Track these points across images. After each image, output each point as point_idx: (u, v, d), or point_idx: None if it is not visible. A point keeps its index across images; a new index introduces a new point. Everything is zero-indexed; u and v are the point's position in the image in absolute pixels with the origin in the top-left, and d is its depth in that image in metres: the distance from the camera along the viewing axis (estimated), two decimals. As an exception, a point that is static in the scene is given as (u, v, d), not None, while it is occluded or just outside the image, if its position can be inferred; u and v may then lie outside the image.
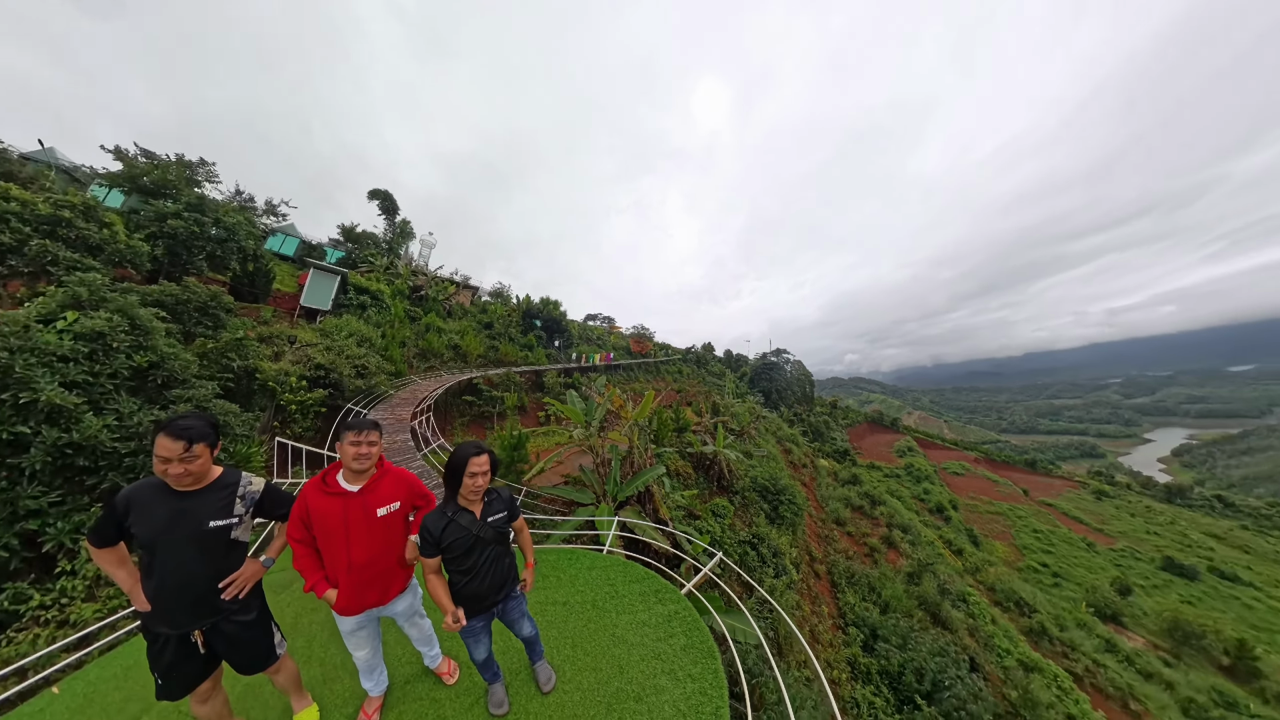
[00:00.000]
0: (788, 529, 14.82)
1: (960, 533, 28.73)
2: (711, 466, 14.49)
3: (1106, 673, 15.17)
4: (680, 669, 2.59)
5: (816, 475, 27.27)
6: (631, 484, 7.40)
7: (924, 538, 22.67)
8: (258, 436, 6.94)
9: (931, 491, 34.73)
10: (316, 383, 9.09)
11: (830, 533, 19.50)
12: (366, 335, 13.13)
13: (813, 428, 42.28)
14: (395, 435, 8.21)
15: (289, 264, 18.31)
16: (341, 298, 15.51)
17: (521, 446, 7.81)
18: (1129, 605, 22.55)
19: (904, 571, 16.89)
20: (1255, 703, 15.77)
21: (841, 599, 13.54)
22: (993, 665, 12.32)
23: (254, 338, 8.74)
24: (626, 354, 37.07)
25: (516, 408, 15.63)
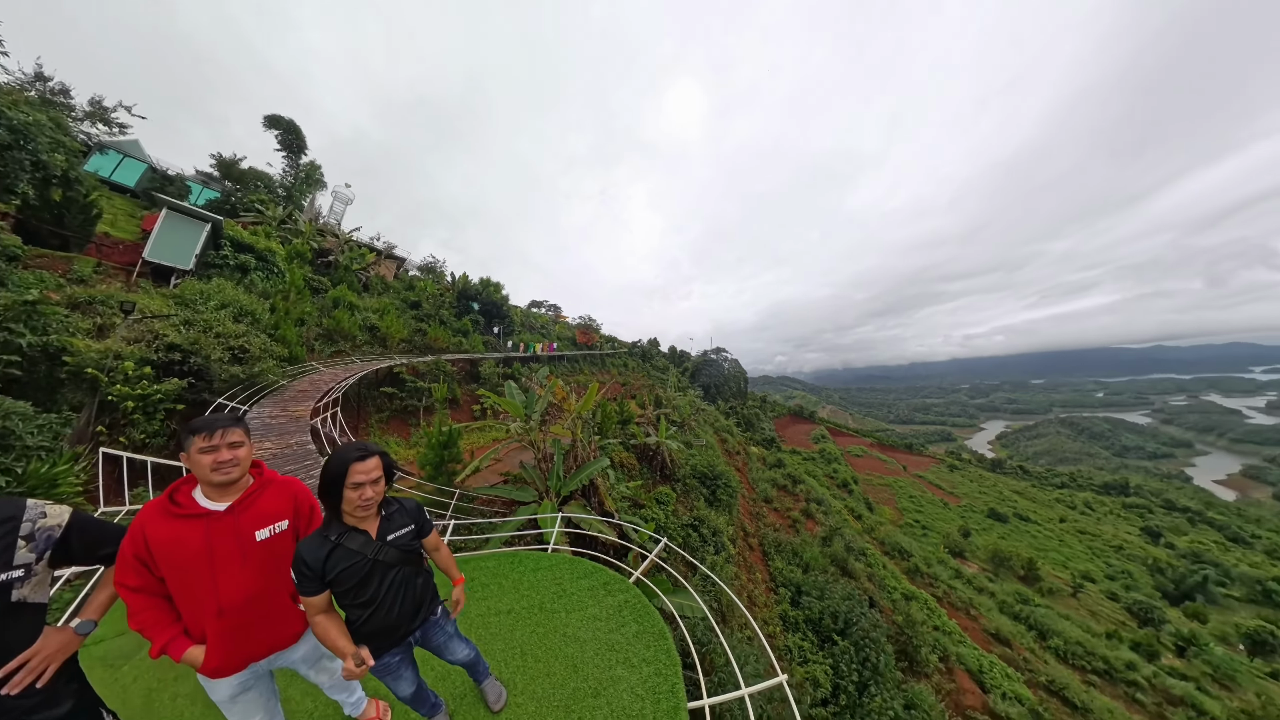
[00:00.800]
0: (725, 510, 15.94)
1: (860, 502, 34.62)
2: (655, 457, 14.88)
3: (956, 592, 20.66)
4: (635, 655, 2.60)
5: (748, 461, 29.87)
6: (575, 478, 7.12)
7: (833, 508, 26.61)
8: (68, 448, 4.98)
9: (839, 470, 41.38)
10: (169, 370, 6.83)
11: (760, 510, 21.59)
12: (248, 308, 10.19)
13: (745, 419, 46.27)
14: (290, 438, 6.53)
15: (128, 199, 13.19)
16: (212, 255, 11.85)
17: (453, 444, 6.92)
18: (969, 544, 30.96)
19: (819, 537, 19.87)
20: (1038, 597, 23.90)
21: (772, 565, 15.47)
22: (885, 600, 15.49)
23: (58, 302, 6.30)
24: (572, 345, 35.87)
25: (447, 401, 13.96)
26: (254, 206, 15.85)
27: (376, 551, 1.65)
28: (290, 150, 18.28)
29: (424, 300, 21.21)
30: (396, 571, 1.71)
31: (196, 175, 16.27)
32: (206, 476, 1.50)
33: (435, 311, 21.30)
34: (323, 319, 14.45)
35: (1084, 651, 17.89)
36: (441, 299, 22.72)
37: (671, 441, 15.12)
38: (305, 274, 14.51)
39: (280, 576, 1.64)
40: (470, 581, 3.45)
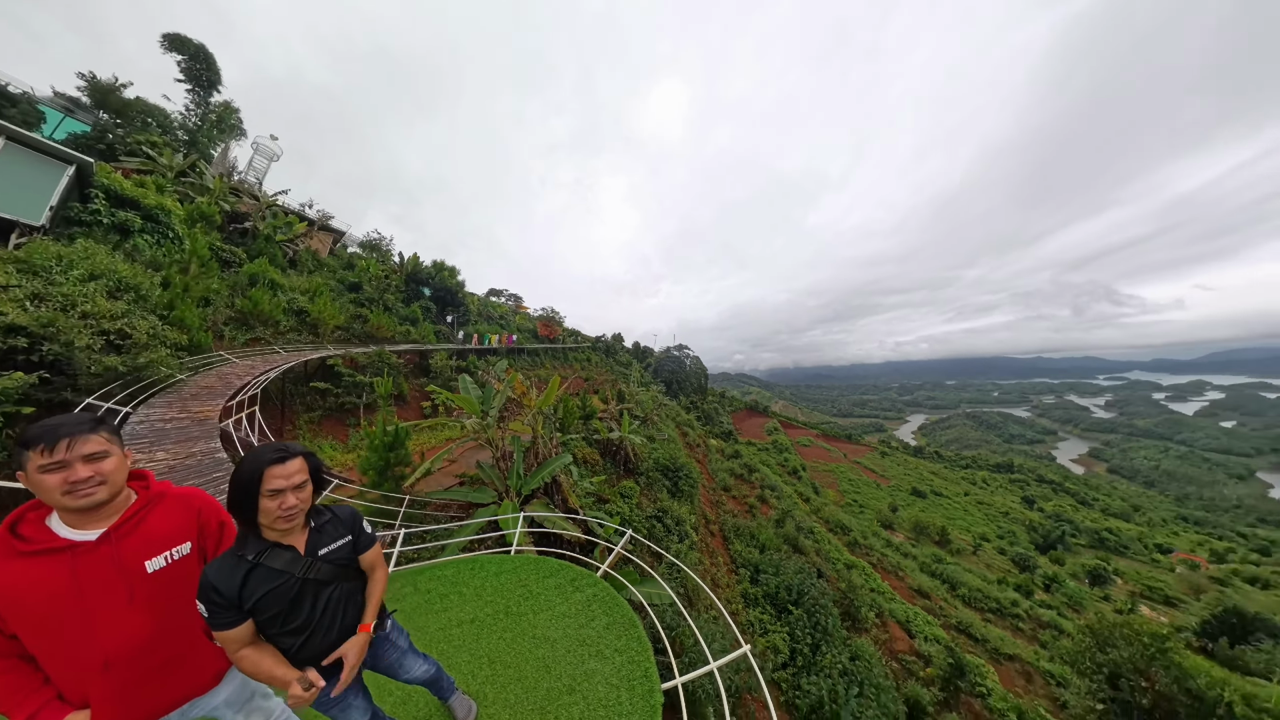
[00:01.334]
0: (686, 500, 16.49)
1: (808, 486, 37.86)
2: (618, 451, 14.91)
3: (887, 559, 23.80)
4: (606, 646, 2.60)
5: (708, 453, 31.13)
6: (537, 476, 6.91)
7: (785, 493, 28.79)
8: None
9: (789, 459, 44.96)
10: (6, 360, 5.30)
11: (720, 498, 22.65)
12: (131, 281, 7.92)
13: (705, 414, 48.10)
14: (192, 445, 5.39)
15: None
16: (77, 209, 9.25)
17: (400, 445, 6.29)
18: (896, 517, 35.73)
19: (773, 519, 21.48)
20: (948, 557, 28.18)
21: (732, 549, 16.46)
22: (830, 570, 17.45)
23: None
24: (533, 337, 34.45)
25: (392, 397, 12.66)
26: (141, 150, 12.75)
27: (306, 569, 1.43)
28: (198, 83, 14.86)
29: (366, 282, 18.86)
30: (333, 589, 1.49)
31: (56, 99, 12.72)
32: (58, 501, 1.18)
33: (379, 296, 19.02)
34: (235, 299, 12.29)
35: (982, 596, 21.98)
36: (387, 282, 20.35)
37: (634, 436, 15.21)
38: (212, 242, 12.17)
39: (186, 612, 1.35)
40: (428, 593, 3.20)
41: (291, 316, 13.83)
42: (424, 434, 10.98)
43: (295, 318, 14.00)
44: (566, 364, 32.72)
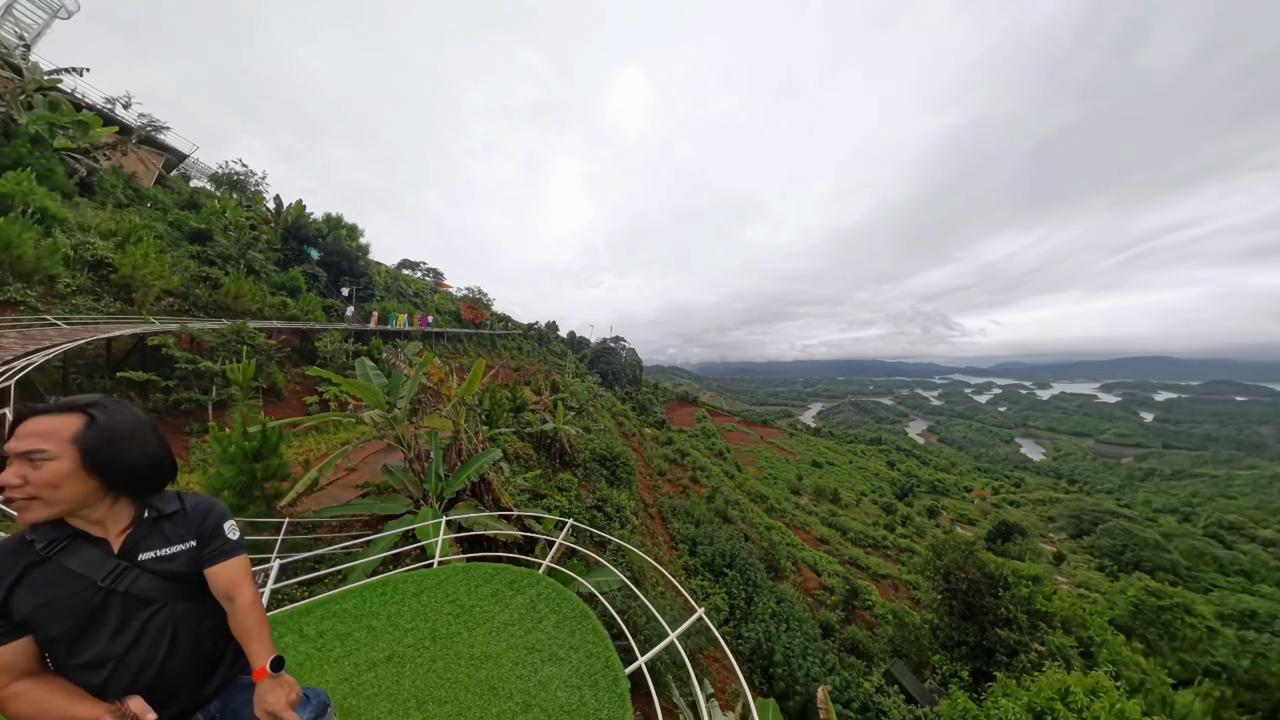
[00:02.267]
0: (625, 488, 16.74)
1: (732, 465, 42.03)
2: (553, 444, 14.28)
3: (797, 518, 28.34)
4: (560, 646, 2.37)
5: (643, 441, 32.02)
6: (461, 475, 6.08)
7: (713, 473, 31.46)
8: None
9: (716, 443, 49.40)
10: None
11: (656, 483, 23.54)
12: None
13: (640, 404, 49.35)
14: None
15: None
16: None
17: (272, 453, 4.73)
18: (801, 484, 42.53)
19: (704, 497, 23.42)
20: (840, 511, 34.26)
21: (670, 527, 17.60)
22: (754, 534, 20.27)
23: None
24: (455, 321, 30.40)
25: (257, 390, 9.80)
26: None
27: (114, 577, 1.02)
28: None
29: (219, 231, 14.14)
30: (156, 612, 1.06)
31: None
32: None
33: (239, 253, 14.35)
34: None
35: (864, 536, 28.04)
36: (254, 235, 15.56)
37: (570, 427, 14.73)
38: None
39: None
40: (320, 636, 2.46)
41: (82, 270, 9.68)
42: (308, 438, 8.78)
43: (90, 272, 9.84)
44: (494, 352, 29.94)
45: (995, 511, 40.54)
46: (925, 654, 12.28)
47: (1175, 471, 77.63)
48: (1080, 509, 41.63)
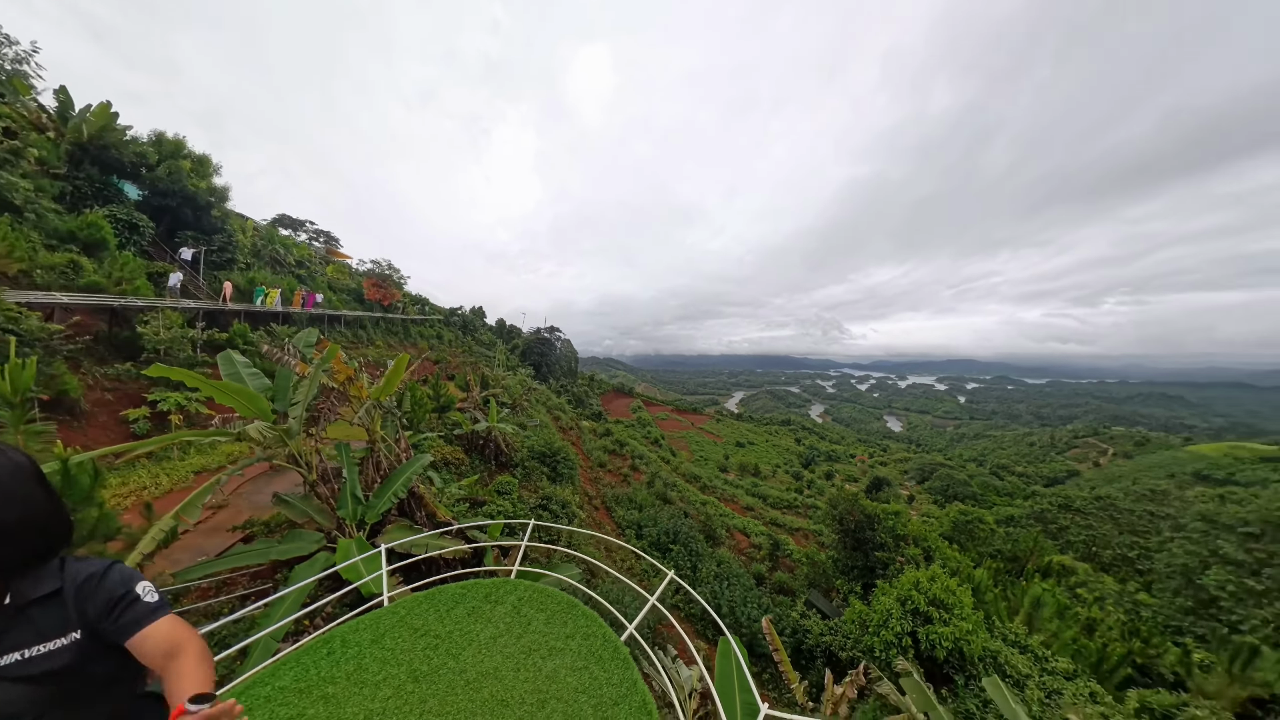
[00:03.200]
0: (568, 483, 16.36)
1: (667, 451, 44.38)
2: (486, 445, 13.16)
3: (727, 492, 31.61)
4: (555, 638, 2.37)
5: (581, 435, 31.52)
6: (386, 492, 5.17)
7: (651, 459, 32.89)
8: None
9: (652, 431, 51.84)
10: None
11: (598, 475, 23.50)
12: None
13: (576, 397, 48.30)
14: None
15: None
16: None
17: (82, 502, 3.02)
18: (728, 463, 47.74)
19: (644, 483, 24.43)
20: (761, 482, 39.36)
21: (615, 515, 18.03)
22: (692, 510, 22.08)
23: None
24: (355, 301, 25.17)
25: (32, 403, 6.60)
26: None
27: None
28: None
29: None
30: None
31: None
32: None
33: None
34: None
35: (781, 501, 32.79)
36: (14, 146, 10.17)
37: (505, 425, 13.71)
38: None
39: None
40: None
41: None
42: (135, 469, 6.34)
43: None
44: (408, 341, 25.80)
45: (871, 470, 51.84)
46: (831, 580, 15.84)
47: (975, 434, 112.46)
48: (923, 464, 58.25)
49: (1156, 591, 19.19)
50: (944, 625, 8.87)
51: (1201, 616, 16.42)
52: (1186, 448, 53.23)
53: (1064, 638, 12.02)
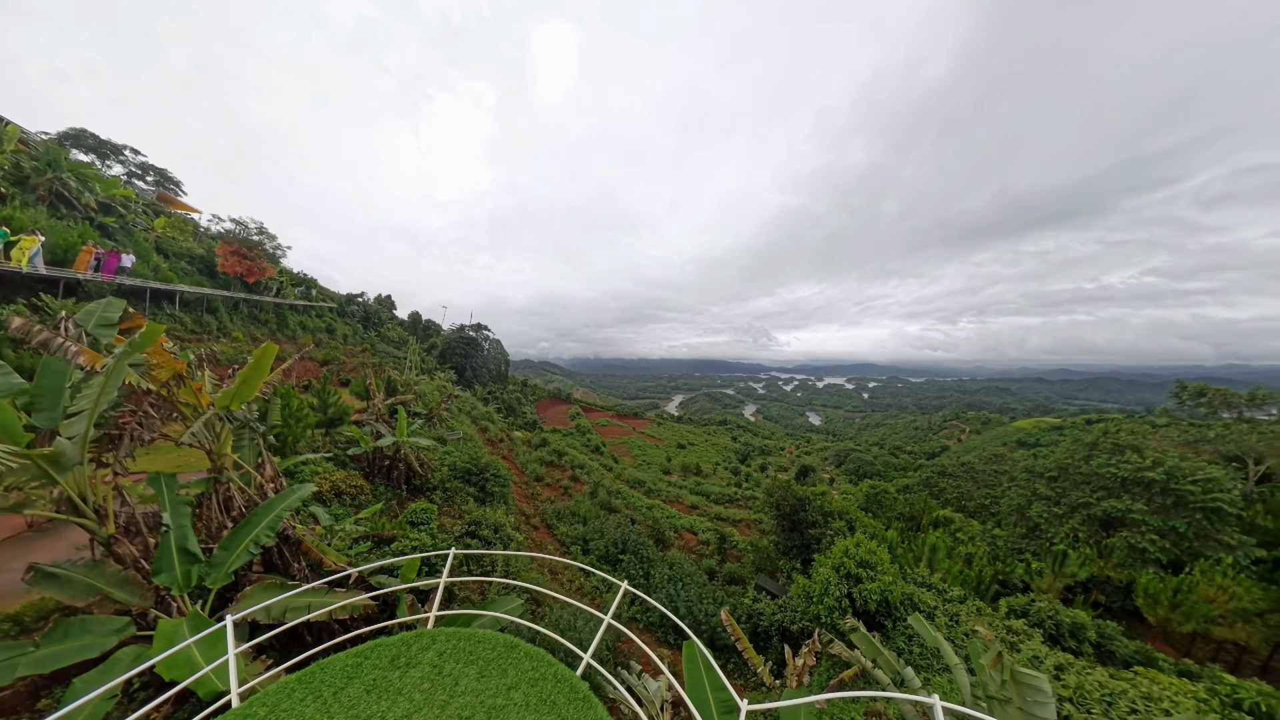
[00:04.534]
0: (500, 502, 15.01)
1: (609, 458, 43.93)
2: (394, 466, 11.29)
3: (671, 493, 32.55)
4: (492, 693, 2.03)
5: (514, 447, 29.40)
6: (240, 541, 3.92)
7: (592, 468, 32.18)
8: None
9: (592, 439, 50.85)
10: None
11: (534, 490, 22.01)
12: None
13: (507, 405, 44.98)
14: None
15: None
16: None
17: None
18: (671, 464, 48.95)
19: (587, 493, 23.71)
20: (704, 481, 41.35)
21: (558, 533, 16.98)
22: (639, 516, 22.34)
23: None
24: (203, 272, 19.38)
25: None
26: None
27: None
28: None
29: None
30: None
31: None
32: None
33: None
34: None
35: (723, 496, 34.94)
36: None
37: (419, 440, 11.95)
38: None
39: None
40: None
41: None
42: None
43: None
44: (284, 333, 20.80)
45: (798, 460, 58.36)
46: (774, 563, 17.65)
47: (876, 423, 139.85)
48: (839, 450, 68.02)
49: (1004, 526, 26.32)
50: (871, 582, 10.70)
51: (1032, 539, 23.21)
52: (1012, 424, 71.87)
53: (953, 571, 16.34)
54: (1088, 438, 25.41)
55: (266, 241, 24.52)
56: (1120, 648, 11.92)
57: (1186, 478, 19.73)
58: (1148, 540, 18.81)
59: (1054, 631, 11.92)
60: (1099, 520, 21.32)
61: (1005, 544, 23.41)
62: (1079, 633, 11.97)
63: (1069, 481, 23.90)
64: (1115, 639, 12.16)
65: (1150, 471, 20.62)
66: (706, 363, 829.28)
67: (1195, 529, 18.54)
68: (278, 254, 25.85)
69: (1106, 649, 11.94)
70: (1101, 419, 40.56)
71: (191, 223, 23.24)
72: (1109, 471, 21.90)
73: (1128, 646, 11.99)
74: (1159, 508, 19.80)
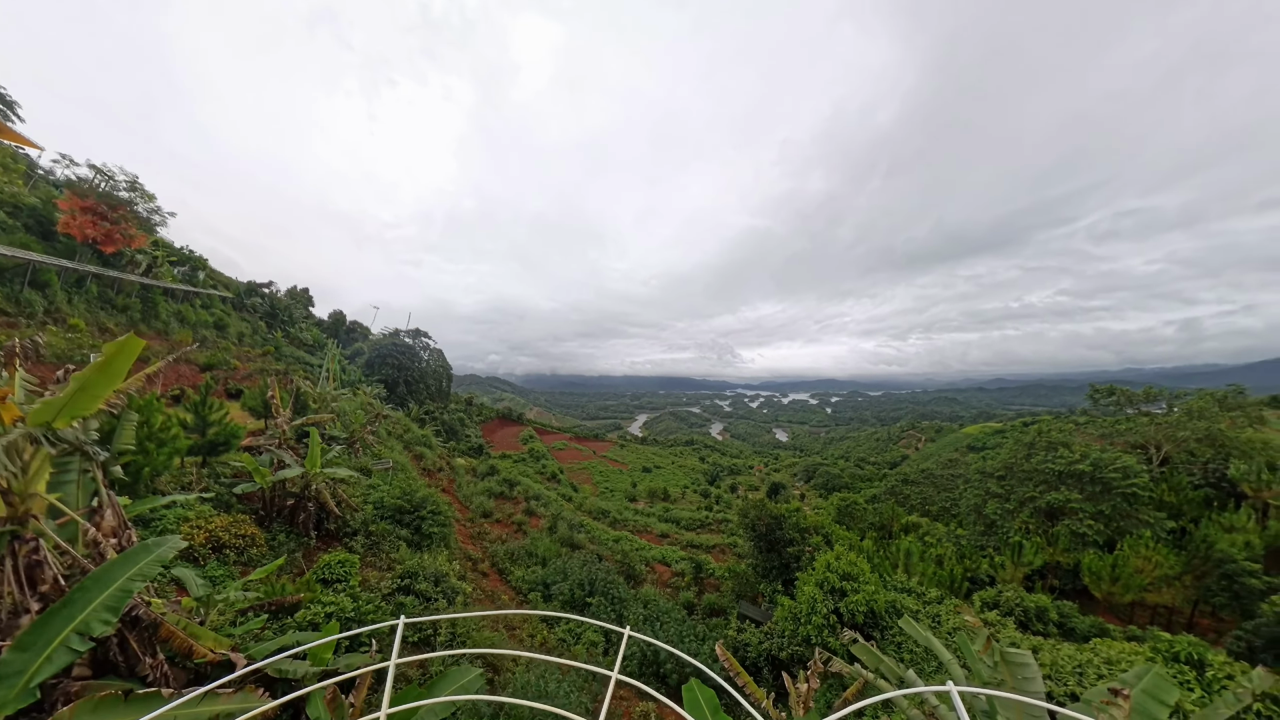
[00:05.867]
0: (440, 546, 13.41)
1: (568, 487, 41.98)
2: (300, 506, 9.61)
3: (639, 522, 31.96)
4: None
5: (455, 477, 26.97)
6: (53, 631, 2.81)
7: (550, 499, 30.40)
8: None
9: (548, 465, 48.49)
10: None
11: (481, 529, 20.09)
12: None
13: (448, 426, 41.58)
14: None
15: None
16: None
17: None
18: (637, 491, 47.98)
19: (545, 529, 22.08)
20: (672, 506, 41.46)
21: (512, 578, 15.41)
22: (606, 550, 21.44)
23: None
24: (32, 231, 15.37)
25: None
26: None
27: None
28: None
29: None
30: None
31: None
32: None
33: None
34: None
35: (694, 521, 34.86)
36: None
37: (336, 470, 10.33)
38: None
39: None
40: None
41: None
42: None
43: None
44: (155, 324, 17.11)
45: (768, 478, 60.13)
46: (755, 588, 17.81)
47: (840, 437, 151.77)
48: (807, 466, 71.71)
49: (965, 526, 29.94)
50: (856, 594, 11.20)
51: (990, 535, 26.76)
52: (961, 430, 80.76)
53: (928, 574, 18.06)
54: (1026, 438, 29.36)
55: (139, 201, 19.74)
56: (1078, 624, 14.01)
57: (1108, 466, 23.72)
58: (1086, 525, 22.36)
59: (1023, 618, 13.95)
60: (1044, 512, 24.96)
61: (969, 542, 26.44)
62: (1043, 615, 14.06)
63: (1015, 479, 27.60)
64: (1073, 616, 14.31)
65: (1080, 464, 24.50)
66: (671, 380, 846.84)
67: (1119, 511, 22.41)
68: (154, 221, 21.12)
69: (1068, 626, 14.00)
70: (1035, 421, 47.03)
71: (23, 160, 18.50)
72: (1047, 467, 25.78)
73: (1084, 622, 14.12)
74: (1090, 495, 23.67)
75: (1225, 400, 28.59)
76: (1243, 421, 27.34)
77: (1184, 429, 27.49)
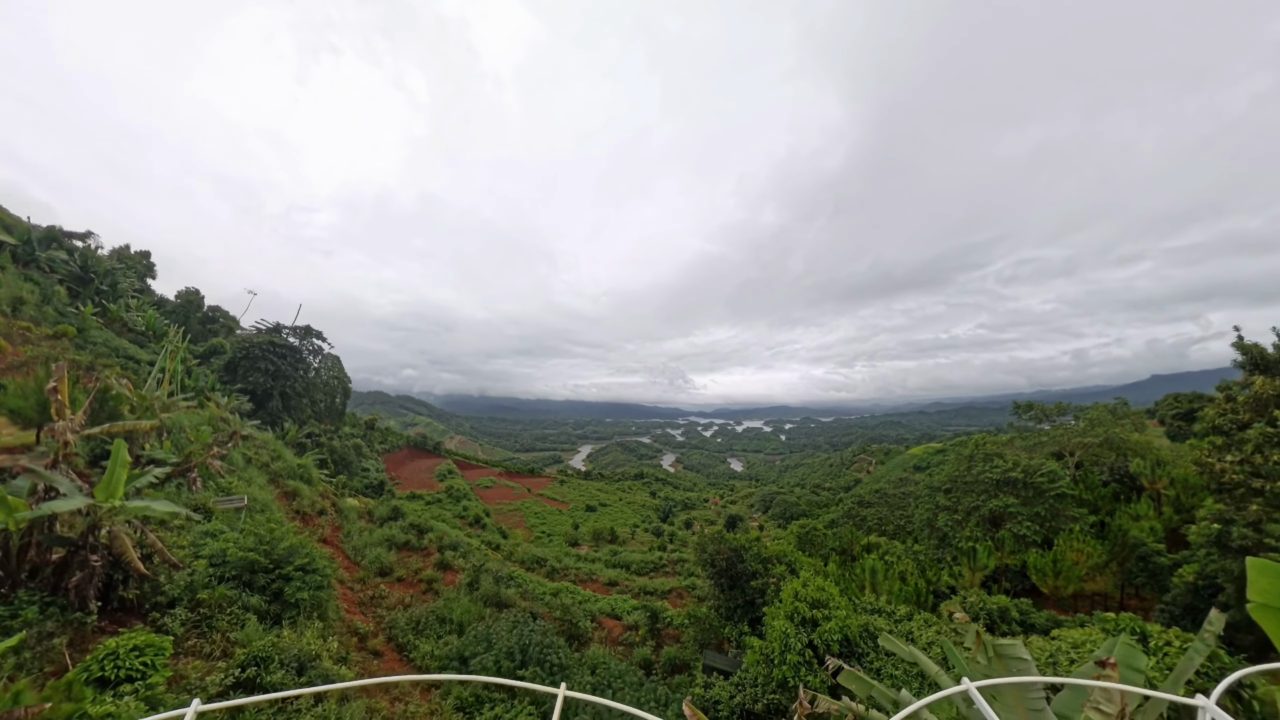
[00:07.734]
0: (311, 617, 10.93)
1: (494, 532, 38.56)
2: (79, 558, 7.31)
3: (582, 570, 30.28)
4: None
5: (342, 522, 23.18)
6: None
7: (472, 547, 27.39)
8: None
9: (470, 507, 44.49)
10: None
11: (376, 590, 17.15)
12: None
13: (337, 455, 36.25)
14: None
15: None
16: None
17: None
18: (579, 534, 45.95)
19: (464, 584, 19.39)
20: (620, 548, 40.01)
21: (417, 654, 13.14)
22: (542, 607, 19.70)
23: None
24: None
25: None
26: None
27: None
28: None
29: None
30: None
31: None
32: None
33: None
34: None
35: (646, 564, 33.91)
36: None
37: (152, 505, 8.09)
38: None
39: None
40: None
41: None
42: None
43: None
44: None
45: (725, 510, 60.88)
46: (719, 633, 17.27)
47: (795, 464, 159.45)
48: (764, 495, 74.64)
49: (921, 541, 33.68)
50: (828, 621, 11.29)
51: (944, 547, 30.47)
52: (907, 451, 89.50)
53: (894, 590, 19.33)
54: (965, 451, 34.37)
55: None
56: (1037, 619, 15.84)
57: (1036, 472, 28.61)
58: (1025, 527, 26.56)
59: (989, 621, 15.41)
60: (988, 519, 29.37)
61: (926, 556, 29.64)
62: (1006, 615, 15.78)
63: (960, 489, 32.37)
64: (1031, 613, 16.23)
65: (1013, 472, 29.36)
66: (619, 406, 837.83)
67: (1052, 511, 27.05)
68: None
69: (1029, 622, 15.83)
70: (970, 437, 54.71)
71: None
72: (986, 476, 30.57)
73: (1041, 617, 16.05)
74: (1025, 499, 28.35)
75: (1116, 411, 36.50)
76: (1130, 427, 34.95)
77: (1089, 435, 34.70)
